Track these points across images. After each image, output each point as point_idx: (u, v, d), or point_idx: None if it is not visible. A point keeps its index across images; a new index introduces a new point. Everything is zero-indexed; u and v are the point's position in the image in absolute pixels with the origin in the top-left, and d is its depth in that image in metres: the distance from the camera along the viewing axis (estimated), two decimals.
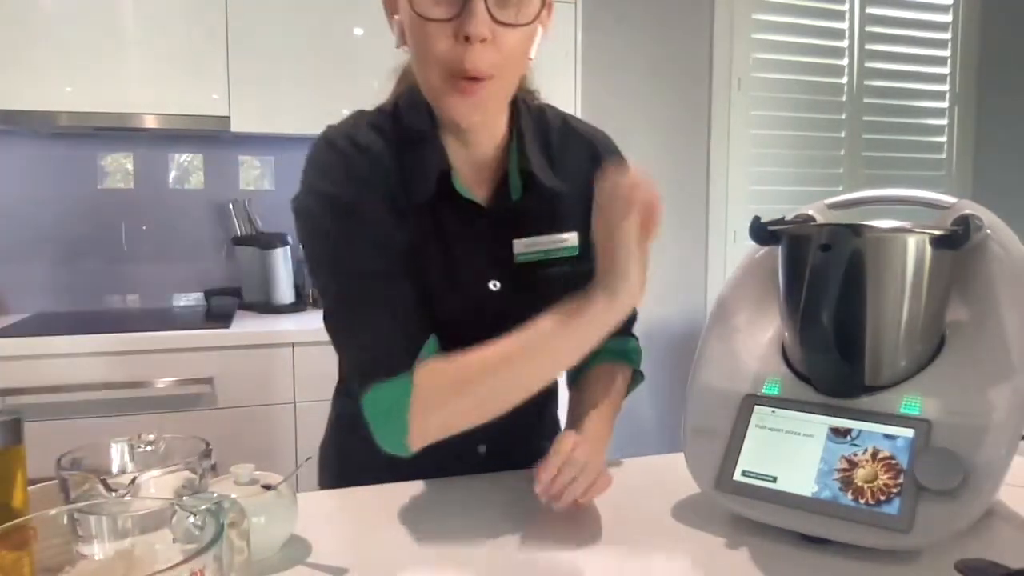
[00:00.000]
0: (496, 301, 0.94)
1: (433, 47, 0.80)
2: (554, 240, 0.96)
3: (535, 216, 0.95)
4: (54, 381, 1.88)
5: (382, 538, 0.84)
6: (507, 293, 0.95)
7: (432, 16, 0.79)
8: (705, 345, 0.96)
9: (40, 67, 2.02)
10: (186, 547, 0.50)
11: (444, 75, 0.82)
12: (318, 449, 1.16)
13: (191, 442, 0.70)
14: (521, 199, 0.94)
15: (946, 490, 0.74)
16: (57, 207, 2.36)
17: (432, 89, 0.85)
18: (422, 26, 0.80)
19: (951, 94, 3.19)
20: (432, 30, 0.80)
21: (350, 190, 0.87)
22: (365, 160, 0.88)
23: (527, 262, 0.95)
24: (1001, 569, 0.69)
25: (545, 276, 0.96)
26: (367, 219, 0.86)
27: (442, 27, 0.80)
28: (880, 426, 0.80)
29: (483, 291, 0.94)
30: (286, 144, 2.52)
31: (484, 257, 0.94)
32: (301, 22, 2.20)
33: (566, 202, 0.96)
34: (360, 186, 0.87)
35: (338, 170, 0.88)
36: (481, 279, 0.94)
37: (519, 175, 0.94)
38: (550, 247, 0.96)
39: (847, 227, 0.79)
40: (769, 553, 0.78)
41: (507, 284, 0.95)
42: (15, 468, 0.66)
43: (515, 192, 0.94)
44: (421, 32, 0.81)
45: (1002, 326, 0.80)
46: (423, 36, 0.81)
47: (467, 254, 0.93)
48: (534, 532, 0.84)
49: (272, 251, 2.34)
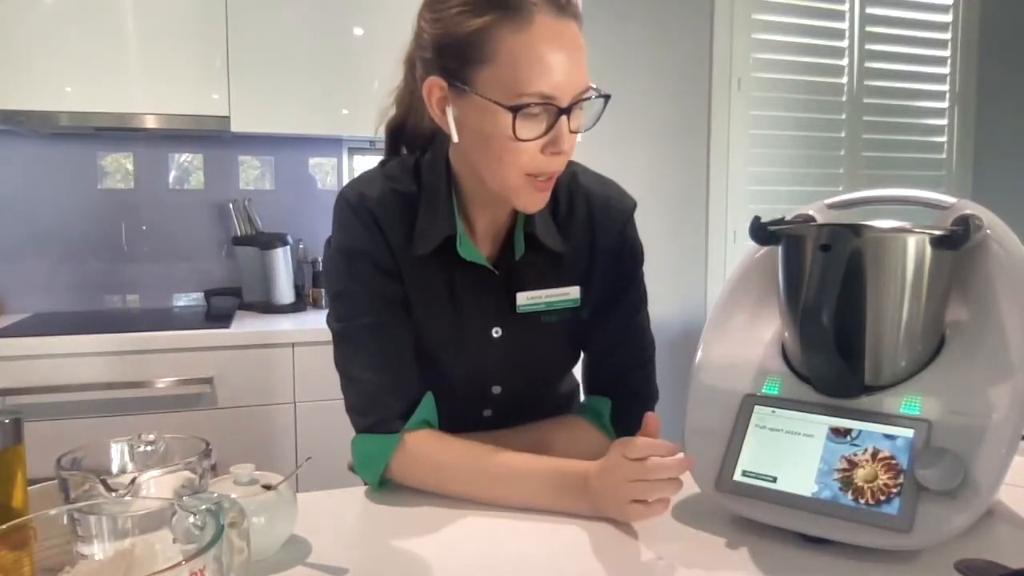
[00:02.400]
0: (497, 346, 1.01)
1: (519, 159, 0.87)
2: (556, 293, 1.02)
3: (538, 272, 1.01)
4: (54, 381, 1.88)
5: (382, 538, 0.84)
6: (508, 339, 1.02)
7: (527, 138, 0.85)
8: (705, 345, 0.96)
9: (40, 67, 2.02)
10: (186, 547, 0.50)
11: (523, 177, 0.88)
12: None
13: (191, 442, 0.70)
14: (525, 256, 1.00)
15: (946, 490, 0.74)
16: (57, 207, 2.36)
17: (507, 187, 0.90)
18: (513, 142, 0.85)
19: (951, 94, 3.19)
20: (524, 146, 0.85)
21: (355, 243, 0.96)
22: (369, 217, 0.96)
23: (529, 312, 1.01)
24: (1001, 569, 0.69)
25: (546, 323, 1.02)
26: (370, 270, 0.96)
27: (532, 143, 0.86)
28: (880, 426, 0.80)
29: (485, 338, 1.01)
30: (286, 144, 2.52)
31: (487, 308, 1.01)
32: (301, 22, 2.20)
33: (570, 257, 1.02)
34: (364, 240, 0.96)
35: (347, 224, 0.97)
36: (484, 327, 1.01)
37: (524, 237, 0.99)
38: (552, 299, 1.02)
39: (847, 227, 0.79)
40: (769, 553, 0.78)
41: (508, 331, 1.02)
42: (15, 468, 0.66)
43: (519, 251, 1.00)
44: (510, 146, 0.86)
45: (1002, 326, 0.80)
46: (512, 150, 0.86)
47: (471, 305, 1.00)
48: (534, 531, 0.84)
49: (272, 251, 2.34)
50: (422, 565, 0.77)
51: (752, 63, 2.89)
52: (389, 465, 0.94)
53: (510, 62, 0.83)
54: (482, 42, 0.84)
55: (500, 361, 1.02)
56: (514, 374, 1.04)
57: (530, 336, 1.02)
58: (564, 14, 0.85)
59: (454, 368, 1.02)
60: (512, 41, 0.83)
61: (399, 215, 0.97)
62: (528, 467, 0.91)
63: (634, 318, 1.07)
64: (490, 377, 1.04)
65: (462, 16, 0.85)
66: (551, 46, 0.83)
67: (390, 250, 0.97)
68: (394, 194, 0.97)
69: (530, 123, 0.85)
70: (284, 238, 2.37)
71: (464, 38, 0.85)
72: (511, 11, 0.83)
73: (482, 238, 1.00)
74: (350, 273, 0.97)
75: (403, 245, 0.97)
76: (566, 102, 0.85)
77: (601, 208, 1.04)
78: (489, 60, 0.84)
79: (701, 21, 2.84)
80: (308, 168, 2.56)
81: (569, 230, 1.02)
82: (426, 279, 0.98)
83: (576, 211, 1.03)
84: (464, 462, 0.92)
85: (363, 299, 0.96)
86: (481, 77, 0.85)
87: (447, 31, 0.86)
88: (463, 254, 0.97)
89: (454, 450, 0.94)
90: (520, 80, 0.83)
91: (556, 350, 1.06)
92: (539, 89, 0.83)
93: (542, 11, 0.83)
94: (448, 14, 0.86)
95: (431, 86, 0.89)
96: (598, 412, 1.06)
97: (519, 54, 0.83)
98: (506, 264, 1.00)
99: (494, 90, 0.84)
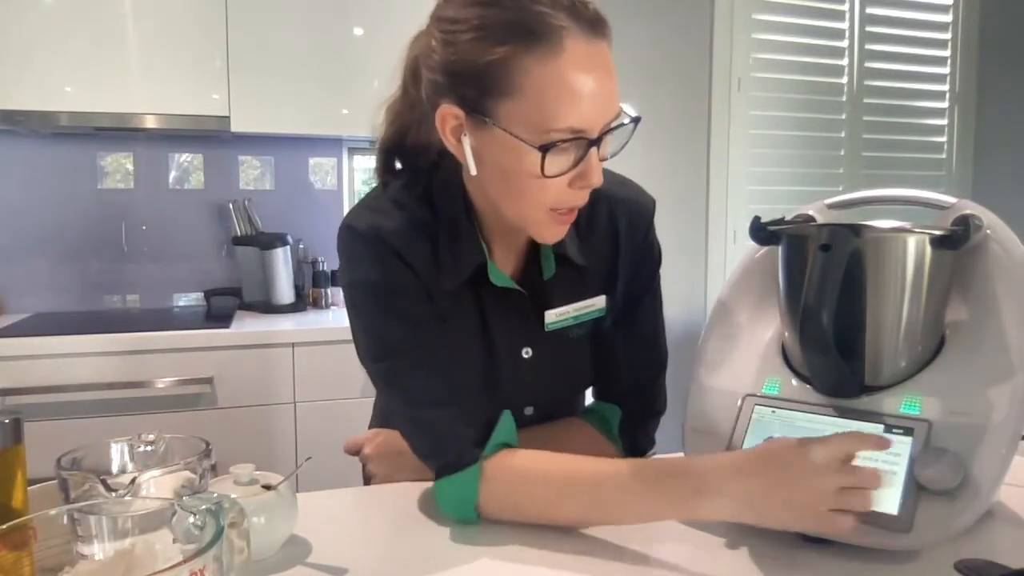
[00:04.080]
0: (528, 367, 0.97)
1: (544, 196, 0.80)
2: (583, 306, 0.97)
3: (564, 287, 0.96)
4: (54, 381, 1.88)
5: (382, 538, 0.84)
6: (539, 358, 0.97)
7: (554, 174, 0.78)
8: (705, 345, 0.96)
9: (40, 67, 2.02)
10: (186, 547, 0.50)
11: (548, 211, 0.82)
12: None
13: (191, 442, 0.70)
14: (553, 277, 0.95)
15: (946, 490, 0.74)
16: (57, 207, 2.36)
17: (528, 221, 0.84)
18: (539, 180, 0.78)
19: (951, 94, 3.18)
20: (550, 183, 0.78)
21: (378, 278, 0.87)
22: (389, 251, 0.86)
23: (558, 329, 0.96)
24: (1001, 569, 0.69)
25: (573, 337, 0.98)
26: (401, 302, 0.87)
27: (561, 179, 0.79)
28: (880, 426, 0.80)
29: (517, 360, 0.96)
30: (286, 144, 2.52)
31: (517, 329, 0.95)
32: (301, 22, 2.20)
33: (593, 267, 0.97)
34: (388, 275, 0.87)
35: (364, 259, 0.87)
36: (515, 349, 0.96)
37: (553, 256, 0.94)
38: (579, 313, 0.97)
39: (847, 227, 0.79)
40: (769, 553, 0.78)
41: (538, 350, 0.97)
42: (15, 468, 0.66)
43: (548, 271, 0.94)
44: (535, 184, 0.79)
45: (1002, 326, 0.80)
46: (537, 187, 0.79)
47: (501, 329, 0.94)
48: (534, 531, 0.83)
49: (272, 251, 2.34)
50: (422, 565, 0.77)
51: (752, 63, 2.89)
52: (479, 504, 0.83)
53: (536, 96, 0.75)
54: (503, 73, 0.75)
55: (532, 381, 0.97)
56: (546, 393, 1.00)
57: (560, 352, 0.97)
58: (596, 35, 0.77)
59: (487, 394, 0.95)
60: (539, 73, 0.74)
61: (420, 246, 0.88)
62: (634, 471, 0.80)
63: (654, 324, 1.03)
64: (523, 399, 0.98)
65: (479, 43, 0.76)
66: (582, 75, 0.75)
67: (418, 279, 0.88)
68: (411, 224, 0.88)
69: (558, 158, 0.77)
70: (284, 238, 2.37)
71: (483, 68, 0.76)
72: (536, 37, 0.74)
73: (502, 259, 0.94)
74: (379, 309, 0.88)
75: (431, 276, 0.89)
76: (596, 133, 0.77)
77: (624, 212, 0.98)
78: (512, 93, 0.75)
79: (701, 21, 2.84)
80: (308, 168, 2.56)
81: (591, 238, 0.96)
82: (455, 309, 0.91)
83: (597, 217, 0.96)
84: (552, 475, 0.82)
85: (400, 333, 0.87)
86: (503, 110, 0.76)
87: (461, 58, 0.77)
88: (494, 280, 0.90)
89: (540, 466, 0.83)
90: (548, 116, 0.75)
91: (584, 363, 1.01)
92: (569, 124, 0.75)
93: (572, 35, 0.75)
94: (462, 39, 0.77)
95: (445, 115, 0.80)
96: (606, 419, 1.02)
97: (547, 87, 0.74)
98: (531, 283, 0.94)
99: (518, 125, 0.76)
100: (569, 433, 1.00)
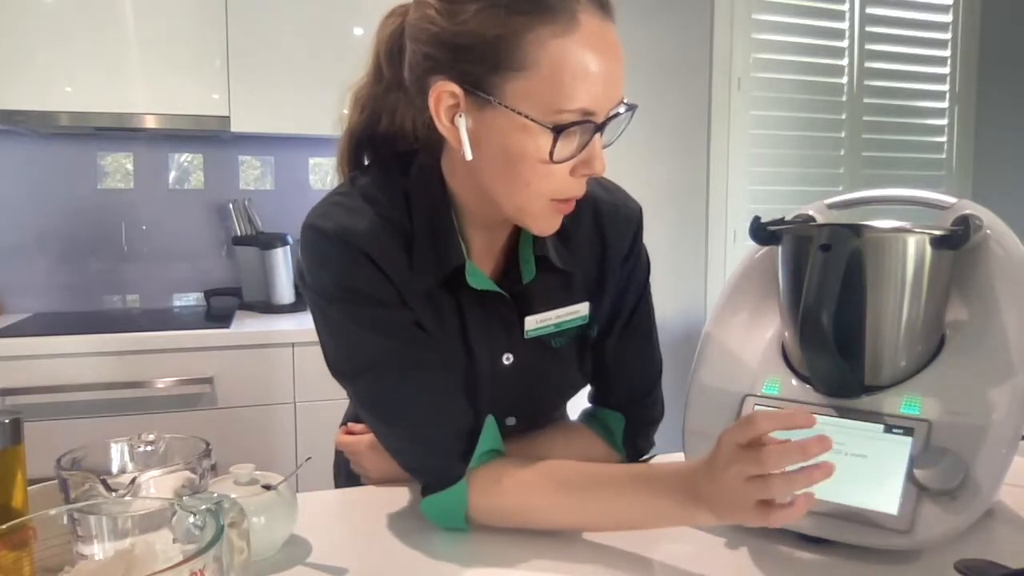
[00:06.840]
0: (509, 374, 0.92)
1: (549, 183, 0.76)
2: (565, 313, 0.93)
3: (546, 293, 0.92)
4: (54, 381, 1.88)
5: (382, 538, 0.84)
6: (519, 364, 0.92)
7: (562, 159, 0.75)
8: (705, 345, 0.96)
9: (40, 67, 2.02)
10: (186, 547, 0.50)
11: (548, 200, 0.78)
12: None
13: (191, 442, 0.70)
14: (533, 280, 0.90)
15: (946, 490, 0.74)
16: (57, 207, 2.36)
17: (525, 211, 0.80)
18: (545, 165, 0.75)
19: (951, 94, 3.18)
20: (555, 169, 0.75)
21: (347, 282, 0.82)
22: (360, 255, 0.81)
23: (538, 336, 0.92)
24: (1001, 569, 0.69)
25: (556, 345, 0.94)
26: (373, 308, 0.82)
27: (564, 165, 0.76)
28: (880, 426, 0.80)
29: (497, 366, 0.92)
30: (286, 144, 2.51)
31: (497, 334, 0.91)
32: (301, 22, 2.20)
33: (578, 272, 0.93)
34: (358, 279, 0.82)
35: (330, 262, 0.83)
36: (495, 354, 0.91)
37: (533, 259, 0.89)
38: (561, 320, 0.93)
39: (847, 227, 0.79)
40: (769, 553, 0.78)
41: (519, 356, 0.92)
42: (15, 468, 0.66)
43: (527, 275, 0.89)
44: (540, 169, 0.75)
45: (1002, 326, 0.80)
46: (543, 173, 0.75)
47: (480, 333, 0.90)
48: (533, 531, 0.83)
49: (272, 251, 2.34)
50: (422, 565, 0.77)
51: (752, 63, 2.89)
52: (469, 514, 0.82)
53: (551, 72, 0.71)
54: (516, 46, 0.71)
55: (513, 389, 0.93)
56: (528, 402, 0.96)
57: (542, 360, 0.93)
58: (607, 14, 0.75)
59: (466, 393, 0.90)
60: (555, 46, 0.71)
61: (394, 247, 0.83)
62: (626, 475, 0.79)
63: (648, 334, 1.00)
64: (504, 408, 0.93)
65: (489, 13, 0.72)
66: (597, 53, 0.72)
67: (392, 284, 0.83)
68: (385, 224, 0.83)
69: (565, 142, 0.74)
70: (284, 238, 2.37)
71: (493, 40, 0.72)
72: (552, 11, 0.71)
73: (480, 259, 0.89)
74: (351, 319, 0.83)
75: (404, 278, 0.83)
76: (603, 117, 0.75)
77: (610, 216, 0.94)
78: (525, 68, 0.72)
79: (701, 21, 2.84)
80: (308, 168, 2.56)
81: (576, 243, 0.92)
82: (431, 312, 0.86)
83: (582, 221, 0.92)
84: (544, 488, 0.80)
85: (376, 345, 0.82)
86: (511, 87, 0.73)
87: (470, 29, 0.73)
88: (473, 283, 0.85)
89: (527, 474, 0.81)
90: (562, 95, 0.71)
91: (569, 372, 0.97)
92: (582, 104, 0.72)
93: (586, 11, 0.72)
94: (470, 9, 0.73)
95: (440, 92, 0.75)
96: (608, 427, 0.98)
97: (563, 63, 0.71)
98: (511, 286, 0.89)
99: (527, 103, 0.72)
100: (571, 440, 0.98)
